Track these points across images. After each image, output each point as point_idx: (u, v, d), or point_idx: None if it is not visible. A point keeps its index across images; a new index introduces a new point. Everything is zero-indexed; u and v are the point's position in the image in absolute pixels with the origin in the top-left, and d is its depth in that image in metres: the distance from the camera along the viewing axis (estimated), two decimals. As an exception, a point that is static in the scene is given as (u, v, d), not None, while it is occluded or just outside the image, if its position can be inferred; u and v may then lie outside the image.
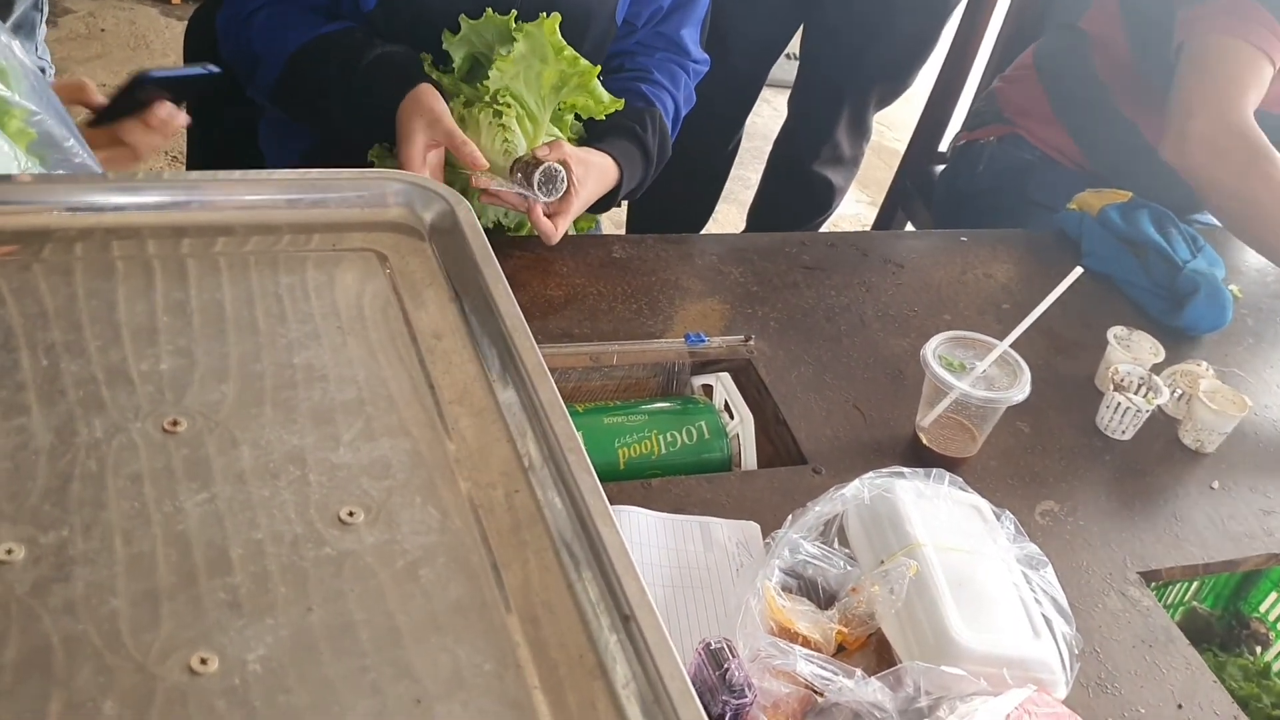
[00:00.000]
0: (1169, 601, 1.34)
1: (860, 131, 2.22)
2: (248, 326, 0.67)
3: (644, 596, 0.54)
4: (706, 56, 1.46)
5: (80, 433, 0.58)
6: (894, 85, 2.16)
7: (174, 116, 1.14)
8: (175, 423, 0.59)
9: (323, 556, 0.55)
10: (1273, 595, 1.33)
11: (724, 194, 2.58)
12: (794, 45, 2.19)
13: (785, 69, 2.32)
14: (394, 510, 0.58)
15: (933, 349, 1.11)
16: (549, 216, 1.21)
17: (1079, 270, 1.08)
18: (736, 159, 2.35)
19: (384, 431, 0.62)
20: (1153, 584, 1.09)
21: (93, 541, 0.53)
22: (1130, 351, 1.27)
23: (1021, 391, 1.08)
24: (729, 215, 2.96)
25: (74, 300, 0.66)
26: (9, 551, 0.51)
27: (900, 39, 2.04)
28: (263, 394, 0.63)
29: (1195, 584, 1.34)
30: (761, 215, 2.50)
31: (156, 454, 0.58)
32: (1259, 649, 1.34)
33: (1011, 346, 1.10)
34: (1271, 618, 1.33)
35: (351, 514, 0.57)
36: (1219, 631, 1.37)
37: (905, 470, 0.99)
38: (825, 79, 2.14)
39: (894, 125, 3.68)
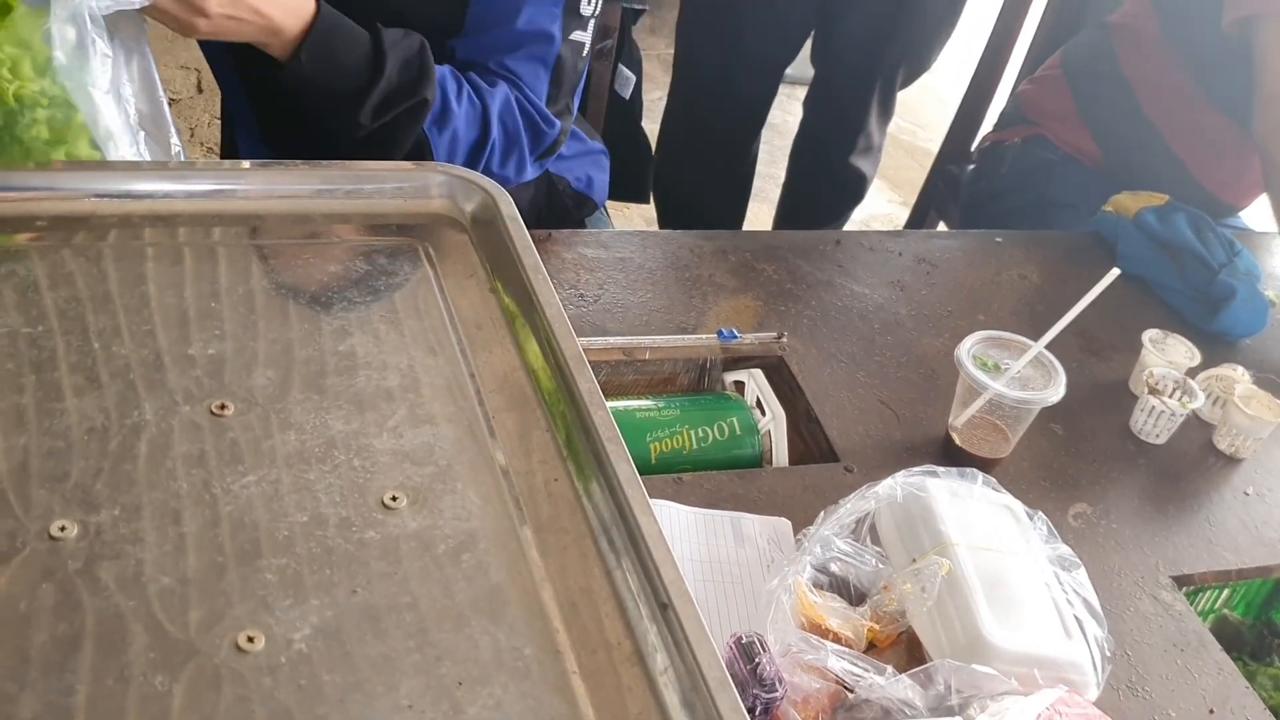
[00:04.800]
0: (1200, 609, 1.33)
1: (886, 116, 2.23)
2: (294, 314, 0.68)
3: (682, 585, 0.55)
4: (557, 121, 1.25)
5: (131, 415, 0.59)
6: (919, 64, 2.17)
7: None
8: (224, 406, 0.60)
9: (367, 540, 0.56)
10: (1304, 604, 1.33)
11: (756, 192, 2.58)
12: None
13: (800, 65, 2.32)
14: (436, 495, 0.59)
15: (967, 349, 1.10)
16: None
17: (1115, 272, 1.08)
18: (766, 157, 2.36)
19: (426, 419, 0.63)
20: (1185, 588, 1.09)
21: (142, 521, 0.54)
22: (1165, 355, 1.26)
23: (1056, 393, 1.08)
24: (761, 214, 2.96)
25: (132, 285, 0.67)
26: (62, 529, 0.53)
27: (923, 17, 2.04)
28: (308, 380, 0.64)
29: (1226, 591, 1.33)
30: (792, 212, 2.50)
31: (205, 437, 0.59)
32: (1290, 658, 1.34)
33: (1046, 348, 1.10)
34: None
35: (395, 498, 0.58)
36: (1250, 640, 1.36)
37: (938, 469, 0.99)
38: (851, 70, 2.14)
39: (927, 125, 3.67)
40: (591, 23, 1.24)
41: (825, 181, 2.38)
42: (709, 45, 2.14)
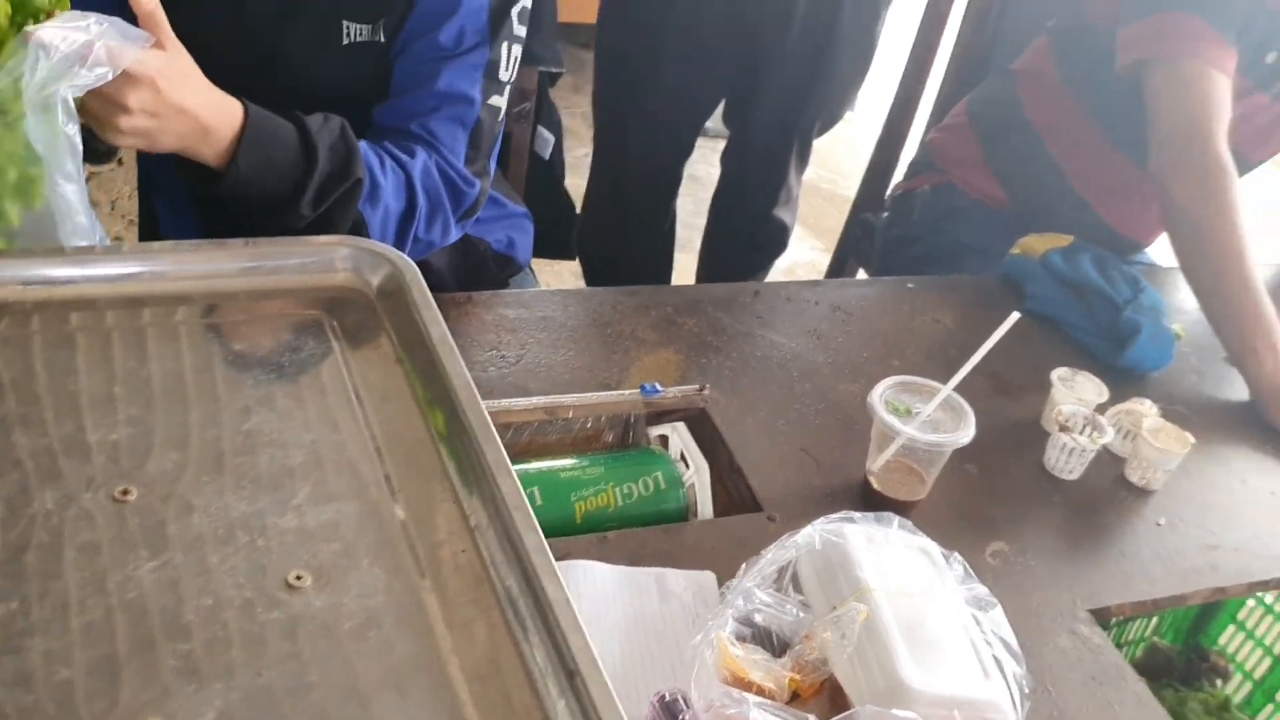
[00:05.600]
0: (1129, 638, 1.36)
1: (803, 166, 2.29)
2: (201, 394, 0.68)
3: (590, 653, 0.55)
4: (477, 181, 1.26)
5: (33, 504, 0.59)
6: (833, 116, 2.23)
7: None
8: (126, 491, 0.60)
9: (270, 621, 0.56)
10: (1231, 628, 1.36)
11: (684, 244, 2.62)
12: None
13: (719, 119, 2.36)
14: (341, 573, 0.59)
15: (880, 394, 1.13)
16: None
17: (1016, 315, 1.11)
18: (692, 208, 2.40)
19: (330, 496, 0.64)
20: (1107, 621, 1.11)
21: (45, 612, 0.54)
22: (1074, 392, 1.30)
23: (967, 434, 1.10)
24: (688, 265, 2.99)
25: (31, 372, 0.67)
26: (-43, 625, 0.52)
27: (836, 74, 2.09)
28: (210, 461, 0.64)
29: (1155, 619, 1.36)
30: (715, 264, 2.54)
31: (109, 523, 0.59)
32: (1219, 681, 1.37)
33: (957, 390, 1.13)
34: (1230, 650, 1.36)
35: (299, 578, 0.58)
36: (1179, 666, 1.39)
37: (855, 515, 1.01)
38: (768, 127, 2.19)
39: (846, 175, 3.75)
40: (508, 88, 1.26)
41: (748, 233, 2.42)
42: (626, 108, 2.18)
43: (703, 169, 3.18)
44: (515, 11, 1.23)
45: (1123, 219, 1.82)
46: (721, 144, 2.43)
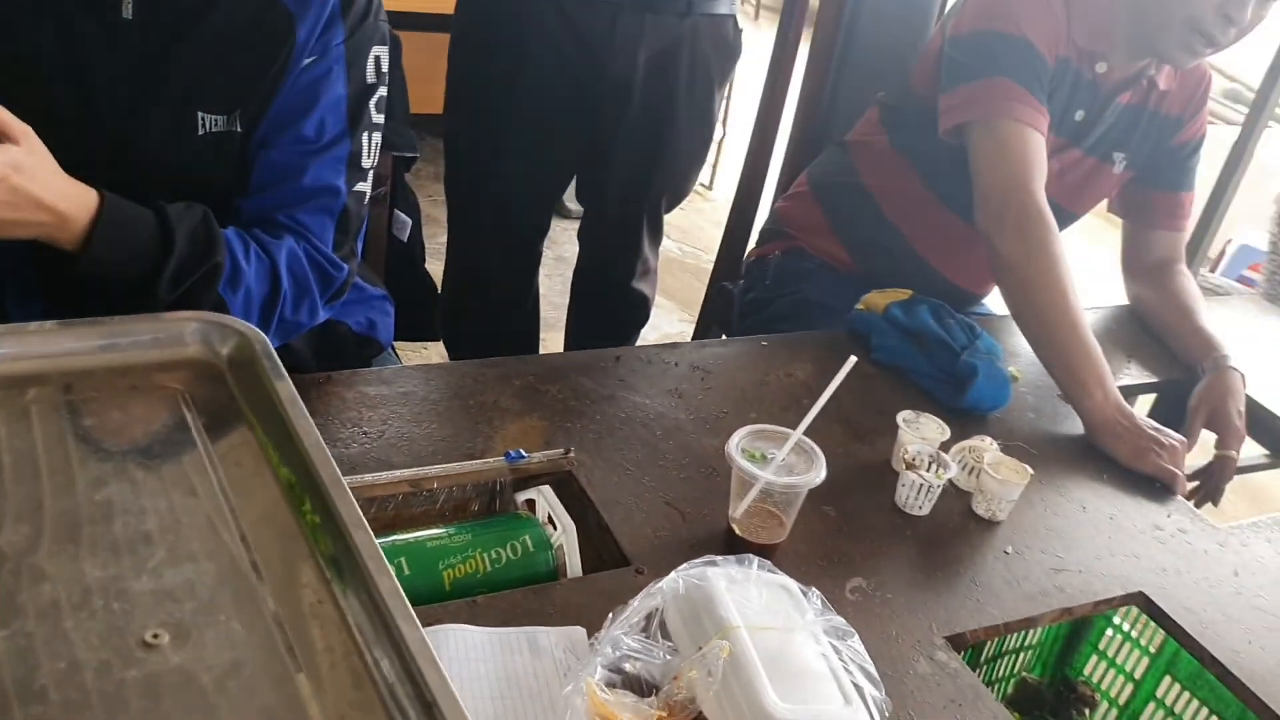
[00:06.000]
0: (999, 675, 1.41)
1: (657, 239, 2.35)
2: (54, 468, 0.68)
3: (446, 686, 0.57)
4: (345, 265, 1.29)
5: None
6: (679, 191, 2.31)
7: None
8: (-27, 566, 0.60)
9: (128, 679, 0.56)
10: (1094, 658, 1.42)
11: (552, 323, 2.66)
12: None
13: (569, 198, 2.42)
14: (199, 629, 0.60)
15: (736, 443, 1.18)
16: None
17: (853, 359, 1.18)
18: (560, 287, 2.44)
19: (186, 557, 0.64)
20: (963, 646, 1.16)
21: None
22: (919, 432, 1.37)
23: (819, 474, 1.16)
24: (556, 343, 3.04)
25: None
26: None
27: (678, 151, 2.17)
28: (62, 531, 0.64)
29: (1023, 655, 1.42)
30: (581, 339, 2.58)
31: (-46, 598, 0.58)
32: (1087, 710, 1.43)
33: (813, 438, 1.18)
34: (1095, 679, 1.42)
35: (156, 636, 0.59)
36: (1049, 698, 1.45)
37: (717, 559, 1.04)
38: (619, 203, 2.25)
39: (708, 249, 3.86)
40: (371, 173, 1.29)
41: (610, 307, 2.47)
42: (478, 190, 2.22)
43: (570, 249, 3.24)
44: (373, 102, 1.27)
45: (958, 273, 1.93)
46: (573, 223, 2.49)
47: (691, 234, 4.02)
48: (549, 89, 2.04)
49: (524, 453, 1.27)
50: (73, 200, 1.02)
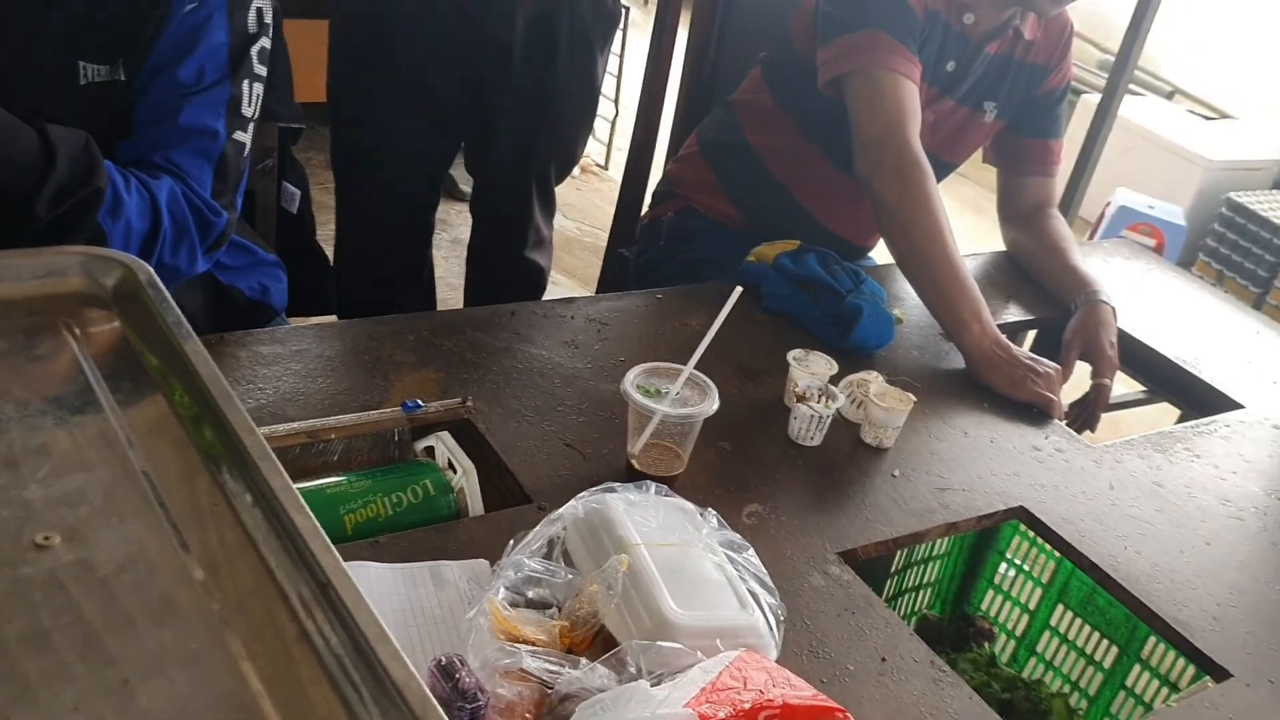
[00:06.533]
0: (902, 612, 1.46)
1: (550, 209, 2.36)
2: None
3: (340, 567, 0.59)
4: (224, 213, 1.29)
5: None
6: (568, 159, 2.32)
7: None
8: None
9: (21, 576, 0.57)
10: (990, 593, 1.49)
11: (447, 303, 2.66)
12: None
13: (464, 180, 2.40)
14: (93, 530, 0.61)
15: (630, 380, 1.21)
16: None
17: (739, 290, 1.22)
18: (457, 269, 2.42)
19: (78, 466, 0.65)
20: (855, 561, 1.21)
21: None
22: (809, 368, 1.42)
23: (712, 404, 1.19)
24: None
25: None
26: None
27: (563, 118, 2.19)
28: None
29: (923, 593, 1.48)
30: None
31: None
32: (986, 644, 1.49)
33: (710, 379, 1.22)
34: (993, 613, 1.49)
35: (47, 538, 0.59)
36: (950, 634, 1.51)
37: (616, 485, 1.07)
38: (508, 173, 2.25)
39: (603, 225, 3.90)
40: (251, 125, 1.28)
41: (505, 279, 2.47)
42: (363, 161, 2.20)
43: (465, 231, 3.24)
44: (254, 51, 1.27)
45: (844, 226, 1.99)
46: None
47: (588, 212, 4.04)
48: (428, 55, 2.03)
49: (420, 402, 1.29)
50: None
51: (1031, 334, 2.05)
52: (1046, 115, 1.95)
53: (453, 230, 3.55)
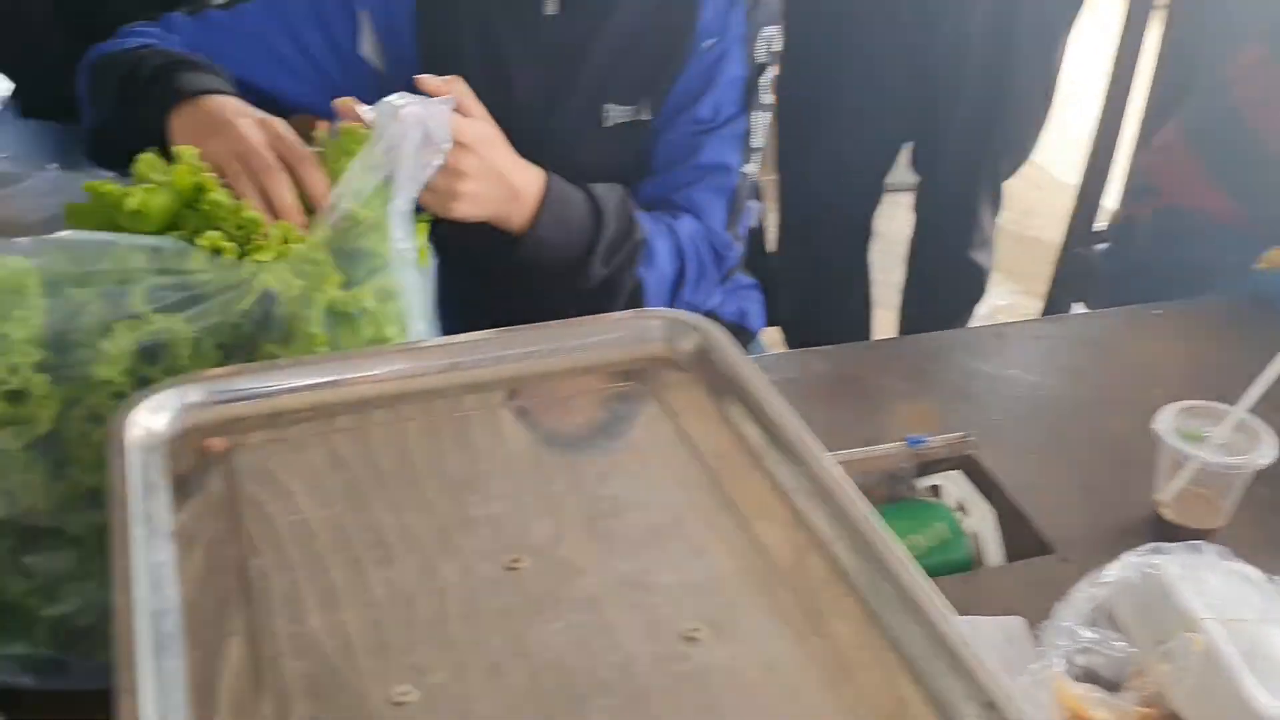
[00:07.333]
0: None
1: (996, 208, 2.27)
2: (554, 467, 0.72)
3: (1007, 693, 0.55)
4: (735, 244, 1.31)
5: (433, 579, 0.63)
6: (1020, 154, 2.20)
7: None
8: (516, 560, 0.64)
9: (680, 673, 0.58)
10: None
11: (876, 300, 2.60)
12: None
13: (897, 172, 2.35)
14: (733, 624, 0.61)
15: (1166, 419, 1.10)
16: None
17: (1311, 326, 1.07)
18: (876, 263, 2.39)
19: (703, 551, 0.66)
20: None
21: (472, 678, 0.57)
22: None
23: (1268, 454, 1.06)
24: (882, 320, 2.98)
25: (400, 459, 0.72)
26: (404, 693, 0.56)
27: (1018, 112, 2.07)
28: (583, 526, 0.67)
29: None
30: (915, 313, 2.51)
31: (506, 591, 0.62)
32: None
33: (1264, 422, 1.09)
34: None
35: (697, 630, 0.60)
36: None
37: (1164, 545, 0.98)
38: (956, 170, 2.18)
39: (1029, 212, 3.68)
40: (756, 154, 1.30)
41: (947, 280, 2.40)
42: (809, 167, 2.20)
43: (883, 224, 3.17)
44: (764, 80, 1.27)
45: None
46: (903, 197, 2.42)
47: (1013, 197, 3.82)
48: (881, 47, 1.99)
49: (925, 437, 1.24)
50: (526, 176, 1.06)
51: None
52: None
53: (878, 222, 3.47)
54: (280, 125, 0.94)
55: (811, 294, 2.37)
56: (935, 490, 1.21)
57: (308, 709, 0.55)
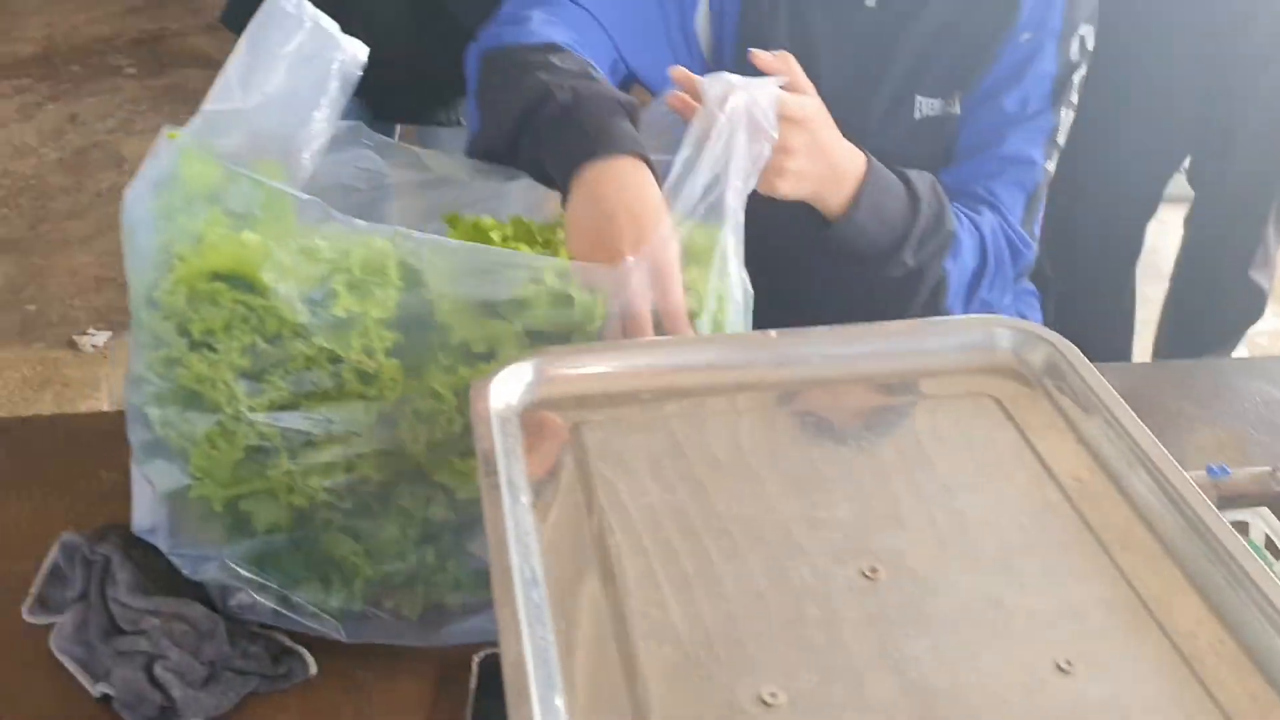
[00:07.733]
0: None
1: None
2: (899, 473, 0.70)
3: None
4: (1033, 243, 1.23)
5: (787, 579, 0.62)
6: None
7: None
8: (874, 570, 0.62)
9: (1060, 709, 0.55)
10: None
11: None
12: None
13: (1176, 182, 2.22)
14: (1105, 658, 0.58)
15: None
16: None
17: None
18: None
19: (1064, 576, 0.63)
20: None
21: (841, 686, 0.56)
22: None
23: None
24: (1145, 336, 2.82)
25: (736, 452, 0.72)
26: (772, 695, 0.55)
27: None
28: (937, 540, 0.65)
29: None
30: (1178, 333, 2.36)
31: (866, 599, 0.60)
32: None
33: None
34: None
35: (1069, 662, 0.57)
36: None
37: None
38: (1244, 176, 2.04)
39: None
40: (1058, 152, 1.23)
41: (1218, 300, 2.25)
42: (1085, 165, 2.09)
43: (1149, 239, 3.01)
44: (1077, 78, 1.21)
45: None
46: (1167, 209, 2.29)
47: None
48: (1174, 54, 1.88)
49: (1227, 468, 1.16)
50: (848, 158, 1.02)
51: None
52: None
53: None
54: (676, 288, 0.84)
55: (1073, 305, 2.26)
56: (1240, 527, 1.13)
57: (672, 697, 0.55)
